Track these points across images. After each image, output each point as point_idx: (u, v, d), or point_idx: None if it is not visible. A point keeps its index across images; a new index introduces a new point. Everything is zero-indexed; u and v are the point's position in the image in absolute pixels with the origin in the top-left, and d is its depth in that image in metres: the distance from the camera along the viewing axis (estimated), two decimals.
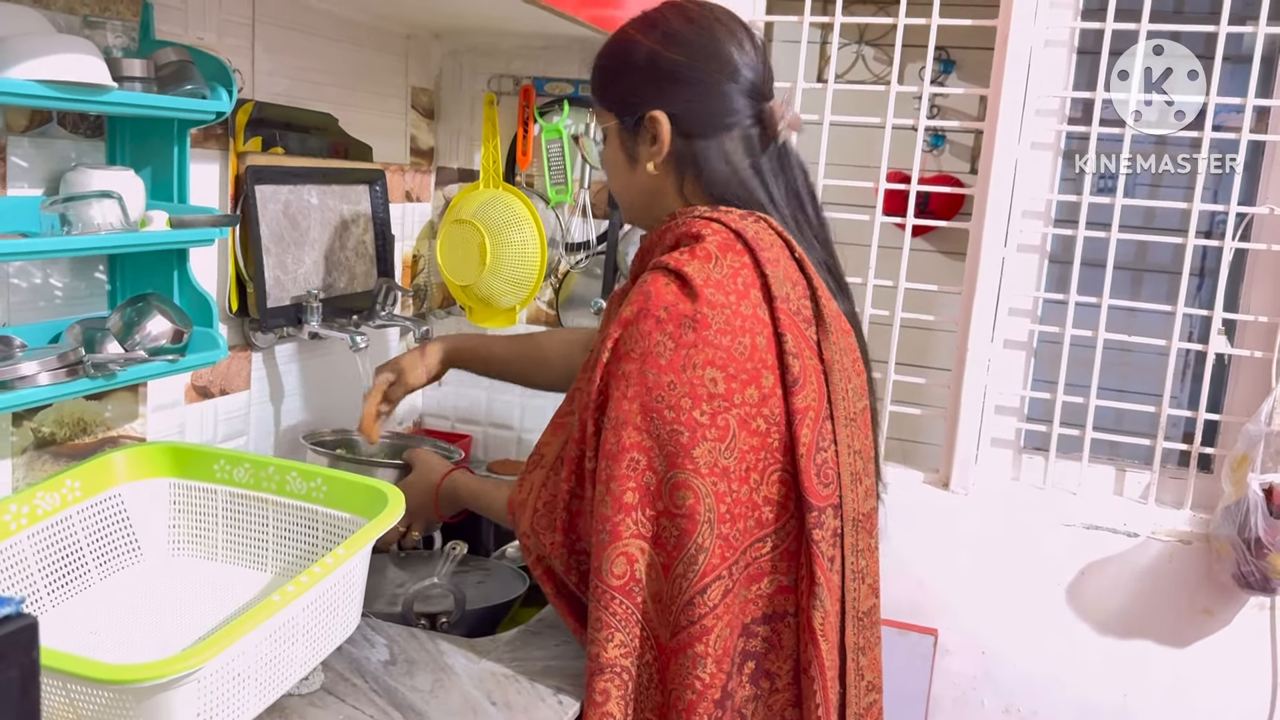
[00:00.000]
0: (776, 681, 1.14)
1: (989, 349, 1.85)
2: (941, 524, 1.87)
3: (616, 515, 1.09)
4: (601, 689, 1.10)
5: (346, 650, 1.23)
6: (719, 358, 1.07)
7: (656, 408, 1.08)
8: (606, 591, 1.10)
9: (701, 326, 1.07)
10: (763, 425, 1.09)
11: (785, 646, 1.14)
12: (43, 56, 1.04)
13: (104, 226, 1.15)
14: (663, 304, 1.09)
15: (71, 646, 1.08)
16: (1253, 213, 1.74)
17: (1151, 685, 1.79)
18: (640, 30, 1.21)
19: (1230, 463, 1.69)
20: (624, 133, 1.22)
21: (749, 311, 1.10)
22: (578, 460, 1.16)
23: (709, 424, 1.07)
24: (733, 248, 1.12)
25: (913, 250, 1.94)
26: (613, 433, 1.09)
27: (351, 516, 1.22)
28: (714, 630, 1.08)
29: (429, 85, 2.03)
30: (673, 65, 1.18)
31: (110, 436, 1.37)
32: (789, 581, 1.13)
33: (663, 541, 1.09)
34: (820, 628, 1.11)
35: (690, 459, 1.07)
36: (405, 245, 2.00)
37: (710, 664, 1.08)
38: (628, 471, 1.09)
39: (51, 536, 1.19)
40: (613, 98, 1.23)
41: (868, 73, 3.42)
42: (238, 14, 1.51)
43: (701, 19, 1.20)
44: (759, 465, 1.10)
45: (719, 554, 1.08)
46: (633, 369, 1.09)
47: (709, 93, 1.17)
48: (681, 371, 1.07)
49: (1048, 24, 1.80)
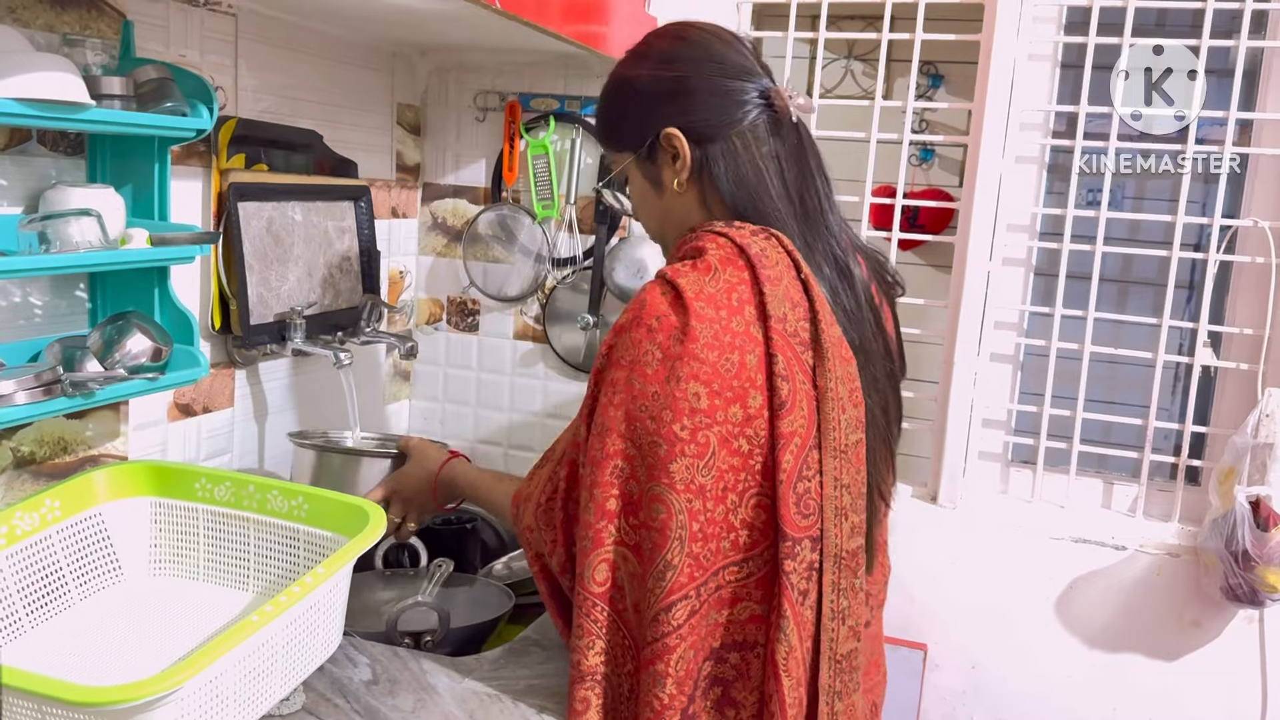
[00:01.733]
0: (741, 712, 1.11)
1: (975, 362, 1.85)
2: (930, 538, 1.86)
3: (599, 521, 1.08)
4: (582, 697, 1.09)
5: (328, 670, 1.22)
6: (704, 372, 1.05)
7: (640, 417, 1.07)
8: (588, 598, 1.09)
9: (689, 340, 1.06)
10: (745, 446, 1.07)
11: (753, 676, 1.11)
12: (20, 75, 1.03)
13: (83, 244, 1.14)
14: (655, 314, 1.08)
15: (50, 668, 1.07)
16: (1237, 225, 1.75)
17: (1140, 698, 1.78)
18: (629, 66, 1.23)
19: (1217, 475, 1.69)
20: (643, 163, 1.22)
21: (740, 328, 1.07)
22: (575, 463, 1.16)
23: (689, 439, 1.05)
24: (734, 262, 1.10)
25: (903, 264, 1.93)
26: (598, 439, 1.09)
27: (333, 535, 1.21)
28: (676, 650, 1.06)
29: (415, 102, 2.03)
30: (657, 80, 1.18)
31: (91, 455, 1.37)
32: (761, 610, 1.10)
33: (641, 551, 1.08)
34: (783, 662, 1.07)
35: (666, 473, 1.05)
36: (391, 261, 2.00)
37: (670, 685, 1.06)
38: (611, 478, 1.08)
39: (31, 557, 1.18)
40: (623, 134, 1.23)
41: (857, 88, 3.43)
42: (220, 31, 1.51)
43: (683, 31, 1.21)
44: (737, 486, 1.08)
45: (688, 573, 1.06)
46: (620, 376, 1.08)
47: (704, 94, 1.16)
48: (665, 383, 1.06)
49: (1031, 38, 1.80)
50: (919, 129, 3.08)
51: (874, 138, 1.88)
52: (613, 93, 1.25)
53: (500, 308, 2.06)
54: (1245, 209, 1.77)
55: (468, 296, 2.08)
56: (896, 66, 1.93)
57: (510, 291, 2.03)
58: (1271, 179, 1.74)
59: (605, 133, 1.27)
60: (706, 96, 1.16)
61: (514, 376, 2.08)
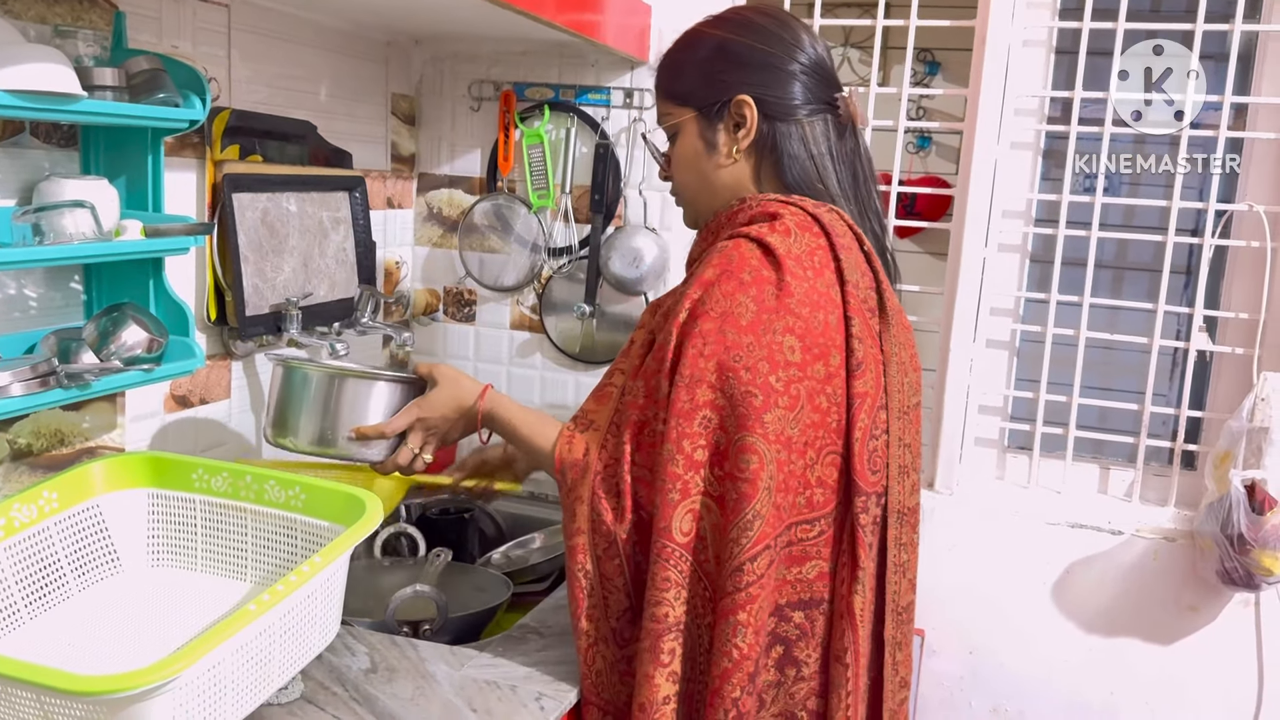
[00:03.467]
0: (803, 669, 1.14)
1: (971, 349, 1.85)
2: (927, 524, 1.86)
3: (688, 473, 1.09)
4: (669, 648, 1.10)
5: (326, 658, 1.22)
6: (799, 326, 1.09)
7: (734, 367, 1.08)
8: (675, 550, 1.09)
9: (785, 294, 1.09)
10: (824, 403, 1.11)
11: (818, 634, 1.14)
12: (12, 66, 1.03)
13: (77, 236, 1.14)
14: (746, 267, 1.10)
15: (49, 659, 1.08)
16: (1232, 210, 1.75)
17: (1137, 682, 1.79)
18: (712, 25, 1.25)
19: (1213, 460, 1.69)
20: (703, 121, 1.23)
21: (824, 289, 1.12)
22: (639, 425, 1.14)
23: (783, 390, 1.08)
24: (810, 229, 1.15)
25: (901, 252, 1.93)
26: (686, 390, 1.09)
27: (330, 524, 1.21)
28: (758, 599, 1.08)
29: (409, 92, 2.03)
30: (751, 50, 1.21)
31: (88, 447, 1.37)
32: (829, 568, 1.14)
33: (725, 503, 1.09)
34: (859, 613, 1.11)
35: (760, 423, 1.07)
36: (387, 252, 2.00)
37: (750, 634, 1.08)
38: (700, 429, 1.09)
39: (28, 549, 1.18)
40: (690, 88, 1.24)
41: (853, 75, 3.43)
42: (213, 22, 1.51)
43: (771, 11, 1.25)
44: (816, 442, 1.11)
45: (771, 523, 1.08)
46: (711, 328, 1.09)
47: (790, 77, 1.20)
48: (762, 334, 1.08)
49: (1026, 24, 1.80)
50: (915, 116, 3.08)
51: (870, 125, 1.88)
52: (695, 46, 1.26)
53: (497, 298, 2.06)
54: (1241, 193, 1.77)
55: (464, 287, 2.08)
56: (893, 54, 1.93)
57: (506, 282, 2.03)
58: (1267, 163, 1.74)
59: (672, 83, 1.27)
60: (790, 80, 1.20)
61: (511, 366, 2.08)
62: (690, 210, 1.30)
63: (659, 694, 1.10)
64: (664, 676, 1.10)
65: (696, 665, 1.13)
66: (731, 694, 1.08)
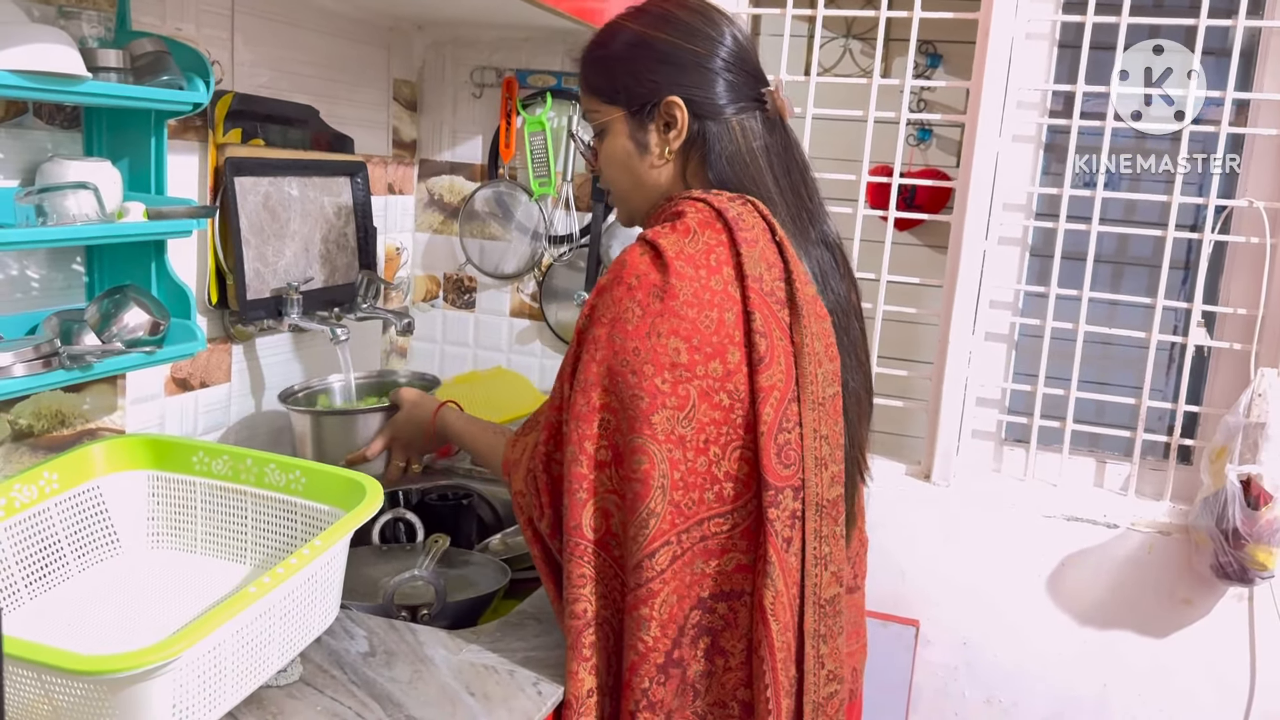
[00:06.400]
0: (730, 659, 1.15)
1: (970, 341, 1.85)
2: (923, 516, 1.88)
3: (591, 472, 1.12)
4: (589, 642, 1.13)
5: (325, 641, 1.23)
6: (684, 328, 1.09)
7: (621, 372, 1.10)
8: (584, 546, 1.12)
9: (669, 297, 1.09)
10: (725, 400, 1.11)
11: (740, 625, 1.15)
12: (16, 47, 1.03)
13: (79, 218, 1.14)
14: (635, 273, 1.11)
15: (48, 639, 1.08)
16: (1232, 205, 1.75)
17: (1131, 675, 1.80)
18: (633, 18, 1.23)
19: (1209, 454, 1.70)
20: (633, 121, 1.22)
21: (719, 287, 1.11)
22: (556, 425, 1.18)
23: (669, 392, 1.09)
24: (712, 225, 1.14)
25: (901, 244, 1.94)
26: (581, 394, 1.12)
27: (330, 508, 1.22)
28: (660, 594, 1.10)
29: (411, 77, 2.03)
30: (676, 48, 1.19)
31: (89, 429, 1.37)
32: (747, 560, 1.14)
33: (626, 500, 1.11)
34: (770, 607, 1.11)
35: (649, 424, 1.09)
36: (387, 238, 2.00)
37: (654, 628, 1.11)
38: (601, 431, 1.12)
39: (29, 529, 1.18)
40: (617, 86, 1.22)
41: (855, 67, 3.42)
42: (217, 5, 1.50)
43: (708, 11, 1.23)
44: (719, 439, 1.11)
45: (669, 520, 1.10)
46: (602, 333, 1.11)
47: (715, 76, 1.19)
48: (646, 339, 1.09)
49: (1029, 17, 1.80)
50: (916, 108, 3.07)
51: (871, 116, 1.88)
52: (610, 41, 1.24)
53: (497, 285, 2.07)
54: (1241, 189, 1.77)
55: (464, 273, 2.08)
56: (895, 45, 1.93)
57: (507, 269, 2.03)
58: (1268, 159, 1.74)
59: (598, 83, 1.25)
60: (717, 79, 1.19)
61: (510, 354, 2.08)
62: (624, 208, 1.31)
63: (583, 688, 1.14)
64: (586, 670, 1.14)
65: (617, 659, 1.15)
66: (640, 685, 1.12)
